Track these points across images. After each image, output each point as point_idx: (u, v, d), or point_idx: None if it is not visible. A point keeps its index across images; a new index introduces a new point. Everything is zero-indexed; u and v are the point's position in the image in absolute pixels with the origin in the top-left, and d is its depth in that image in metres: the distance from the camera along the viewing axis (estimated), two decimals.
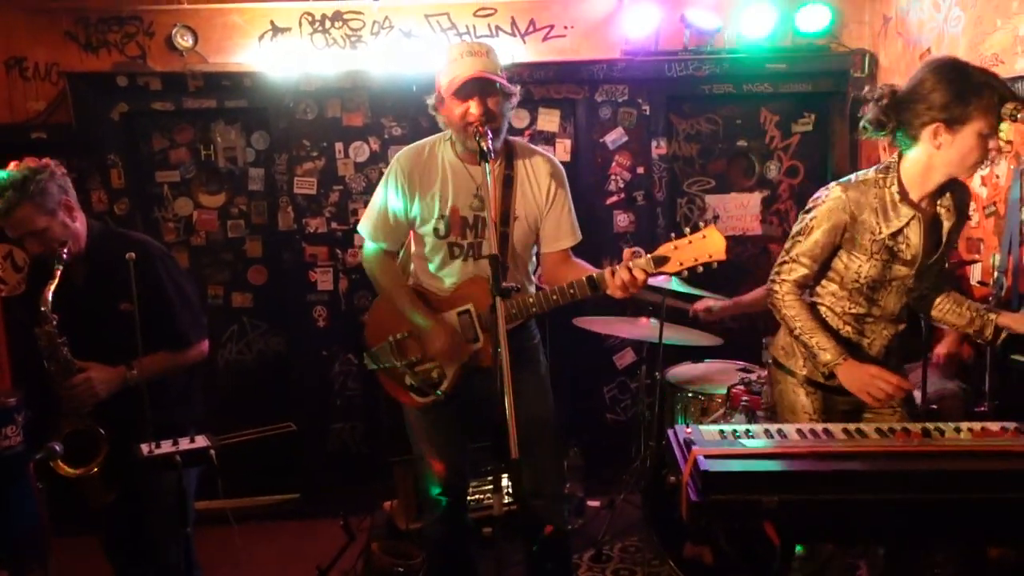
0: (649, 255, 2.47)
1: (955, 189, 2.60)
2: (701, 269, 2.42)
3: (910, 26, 4.40)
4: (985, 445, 2.06)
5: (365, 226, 2.97)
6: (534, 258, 3.01)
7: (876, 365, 2.56)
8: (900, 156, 2.58)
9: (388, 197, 2.88)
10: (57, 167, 2.81)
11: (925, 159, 2.49)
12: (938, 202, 2.60)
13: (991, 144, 2.42)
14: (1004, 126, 3.45)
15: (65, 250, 2.73)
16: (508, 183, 2.79)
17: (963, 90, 2.36)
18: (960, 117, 2.38)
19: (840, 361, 2.52)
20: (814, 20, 4.68)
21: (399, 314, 2.92)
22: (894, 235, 2.55)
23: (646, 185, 4.90)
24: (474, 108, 2.61)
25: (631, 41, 4.69)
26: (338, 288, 4.82)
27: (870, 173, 2.61)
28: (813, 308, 2.70)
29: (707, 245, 2.40)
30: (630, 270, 2.47)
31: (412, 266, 3.04)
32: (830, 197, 2.59)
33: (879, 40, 4.72)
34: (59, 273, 2.69)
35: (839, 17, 4.77)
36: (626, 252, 2.52)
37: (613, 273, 2.51)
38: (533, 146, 2.94)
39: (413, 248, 3.01)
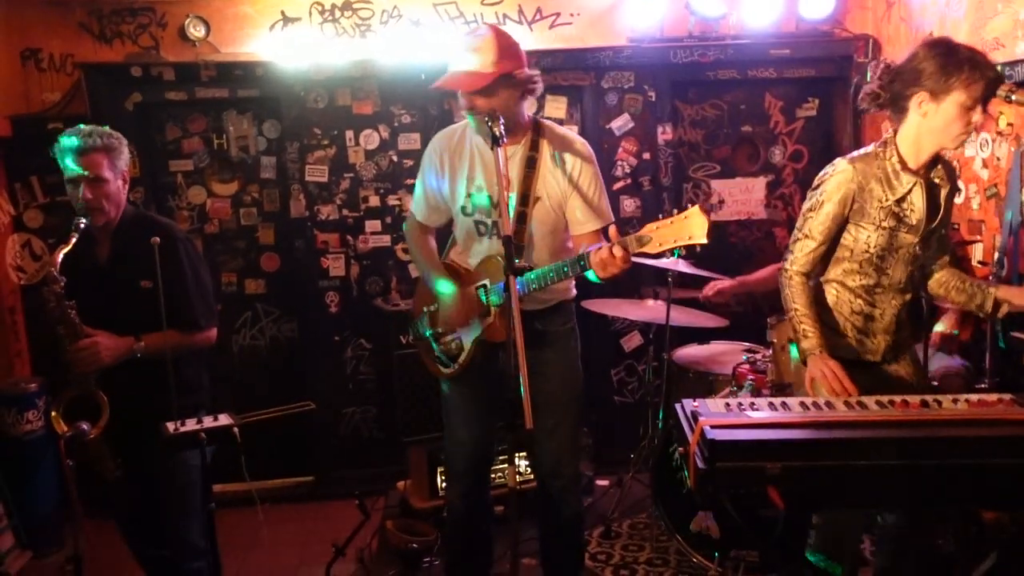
0: (632, 235, 2.46)
1: (944, 163, 2.74)
2: (684, 252, 2.38)
3: (913, 11, 4.45)
4: (981, 414, 2.14)
5: (413, 205, 3.16)
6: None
7: (839, 362, 2.60)
8: (895, 131, 2.70)
9: (426, 179, 3.03)
10: (129, 145, 3.04)
11: (915, 129, 2.63)
12: (933, 172, 2.72)
13: (974, 118, 2.53)
14: (1007, 110, 3.53)
15: (82, 221, 2.86)
16: (531, 164, 2.83)
17: (947, 63, 2.51)
18: (943, 87, 2.52)
19: (815, 352, 2.62)
20: (817, 6, 4.74)
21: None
22: (899, 201, 2.67)
23: (652, 171, 4.96)
24: (463, 103, 2.75)
25: (637, 28, 4.75)
26: (350, 274, 4.89)
27: (870, 148, 2.74)
28: (816, 295, 2.78)
29: (688, 226, 2.33)
30: (610, 249, 2.46)
31: (452, 246, 3.15)
32: (838, 170, 2.70)
33: (882, 25, 4.77)
34: (73, 239, 2.82)
35: (842, 3, 4.82)
36: (611, 230, 2.51)
37: (596, 252, 2.51)
38: (563, 129, 2.98)
39: (454, 228, 3.10)
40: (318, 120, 4.77)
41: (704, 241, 2.32)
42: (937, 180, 2.72)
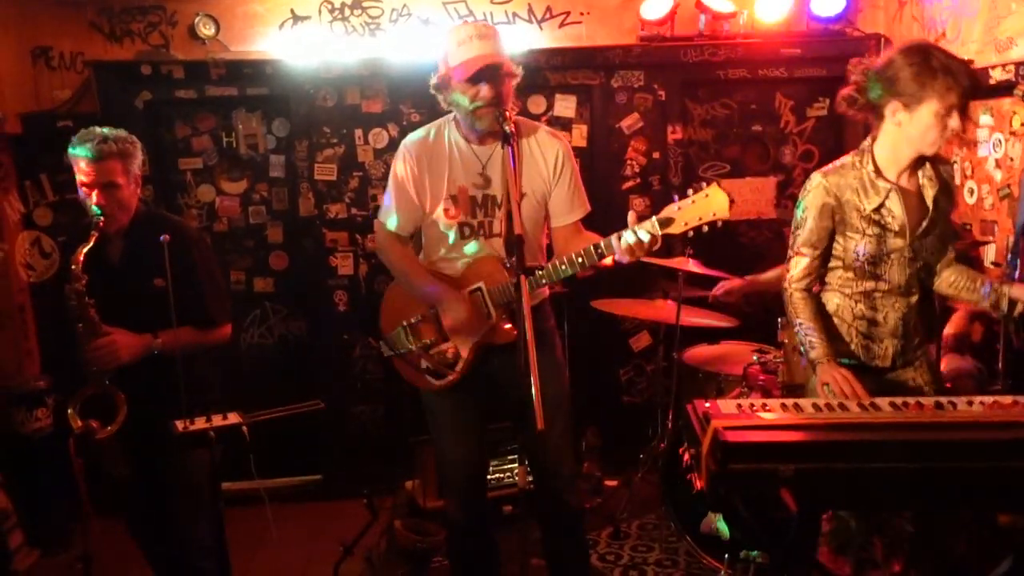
0: (654, 217, 2.45)
1: (934, 161, 2.72)
2: (707, 229, 2.39)
3: (925, 10, 4.42)
4: (996, 416, 2.12)
5: (382, 213, 3.01)
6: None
7: (856, 371, 2.60)
8: (873, 138, 2.70)
9: (399, 182, 2.91)
10: (142, 149, 3.07)
11: (891, 137, 2.63)
12: (919, 173, 2.71)
13: (951, 124, 2.51)
14: (1021, 110, 3.49)
15: (102, 220, 2.88)
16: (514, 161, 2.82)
17: (920, 72, 2.49)
18: (915, 97, 2.51)
19: (823, 361, 2.63)
20: (829, 5, 4.71)
21: (413, 298, 2.96)
22: (877, 209, 2.67)
23: (662, 170, 4.94)
24: (485, 92, 2.63)
25: (647, 27, 4.73)
26: (358, 273, 4.89)
27: (847, 158, 2.75)
28: (818, 305, 2.79)
29: (710, 204, 2.37)
30: (635, 233, 2.45)
31: (424, 252, 3.06)
32: (812, 186, 2.73)
33: (894, 24, 4.74)
34: (94, 237, 2.84)
35: (854, 1, 4.79)
36: (631, 216, 2.50)
37: (620, 238, 2.50)
38: (537, 123, 2.95)
39: (425, 233, 3.00)
40: (327, 118, 4.76)
41: (727, 216, 2.35)
42: (924, 181, 2.70)
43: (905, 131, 2.58)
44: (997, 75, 3.64)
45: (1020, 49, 3.67)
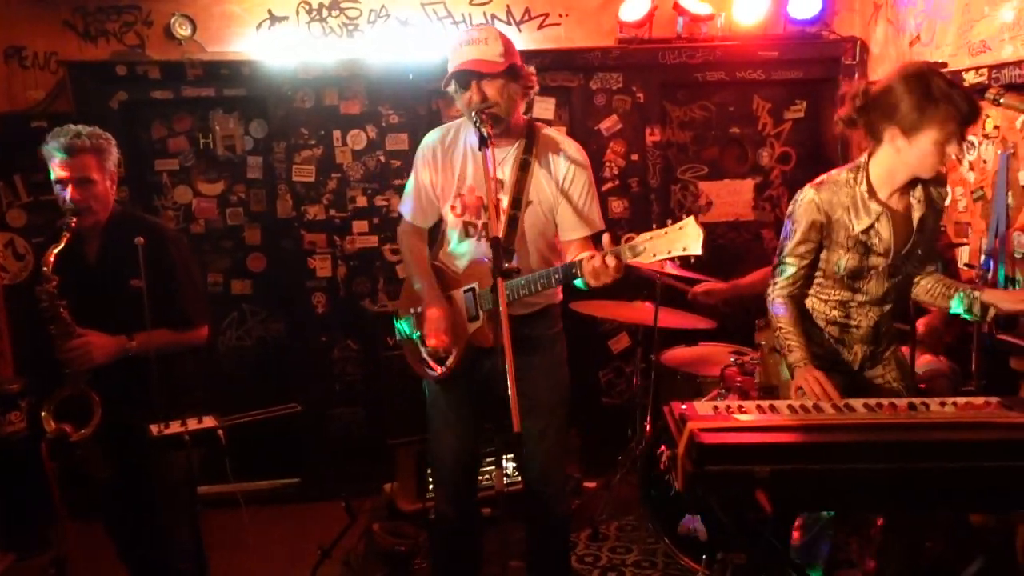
0: (625, 245, 2.46)
1: (927, 181, 2.71)
2: (678, 262, 2.41)
3: (900, 13, 4.46)
4: (968, 417, 2.14)
5: (403, 205, 3.10)
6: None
7: (825, 371, 2.63)
8: (869, 155, 2.70)
9: (417, 175, 2.99)
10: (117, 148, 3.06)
11: (888, 160, 2.64)
12: (911, 194, 2.72)
13: (950, 150, 2.53)
14: (993, 113, 3.53)
15: (74, 220, 2.86)
16: (524, 167, 2.81)
17: (921, 101, 2.48)
18: (916, 125, 2.51)
19: (801, 364, 2.65)
20: (805, 8, 4.75)
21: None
22: (865, 231, 2.69)
23: (640, 172, 4.96)
24: (472, 97, 2.68)
25: (625, 29, 4.74)
26: (336, 275, 4.87)
27: (842, 174, 2.74)
28: (799, 311, 2.81)
29: (682, 236, 2.33)
30: (603, 259, 2.47)
31: (438, 246, 3.10)
32: (804, 200, 2.74)
33: (869, 27, 4.78)
34: (65, 238, 2.83)
35: (830, 5, 4.83)
36: (605, 239, 2.52)
37: (590, 260, 2.51)
38: (558, 134, 2.96)
39: (442, 228, 3.06)
40: (305, 120, 4.74)
41: (698, 252, 2.31)
42: (913, 202, 2.71)
43: (903, 157, 2.58)
44: (970, 79, 3.68)
45: (993, 53, 3.71)
